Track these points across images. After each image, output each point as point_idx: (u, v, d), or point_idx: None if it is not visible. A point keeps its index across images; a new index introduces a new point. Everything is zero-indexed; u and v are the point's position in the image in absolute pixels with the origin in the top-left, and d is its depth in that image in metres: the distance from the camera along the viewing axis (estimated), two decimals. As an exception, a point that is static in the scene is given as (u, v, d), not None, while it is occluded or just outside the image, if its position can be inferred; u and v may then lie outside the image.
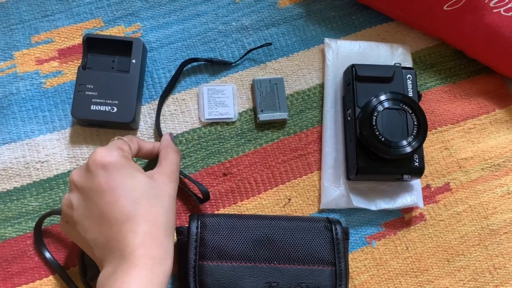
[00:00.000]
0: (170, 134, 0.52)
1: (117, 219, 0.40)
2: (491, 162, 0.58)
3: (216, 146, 0.56)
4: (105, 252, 0.40)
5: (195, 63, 0.58)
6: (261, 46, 0.58)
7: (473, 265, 0.55)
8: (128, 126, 0.53)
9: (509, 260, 0.55)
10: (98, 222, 0.40)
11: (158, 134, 0.54)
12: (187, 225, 0.49)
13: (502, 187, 0.58)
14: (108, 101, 0.51)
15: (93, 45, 0.53)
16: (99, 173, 0.41)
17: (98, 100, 0.51)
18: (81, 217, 0.41)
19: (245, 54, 0.58)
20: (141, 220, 0.40)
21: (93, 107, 0.51)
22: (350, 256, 0.53)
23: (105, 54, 0.54)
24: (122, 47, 0.53)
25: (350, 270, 0.52)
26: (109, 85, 0.52)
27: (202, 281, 0.46)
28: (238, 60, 0.58)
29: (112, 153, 0.42)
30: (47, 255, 0.50)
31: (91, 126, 0.54)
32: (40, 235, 0.50)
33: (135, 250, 0.39)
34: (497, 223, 0.56)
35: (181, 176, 0.53)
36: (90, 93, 0.51)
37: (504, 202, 0.57)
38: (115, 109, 0.51)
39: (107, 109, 0.51)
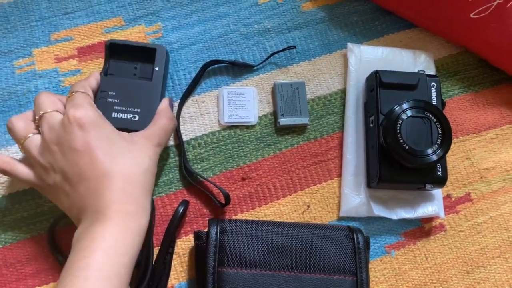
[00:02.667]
0: (170, 99, 0.51)
1: (95, 177, 0.41)
2: (513, 173, 0.58)
3: (235, 149, 0.55)
4: (82, 209, 0.41)
5: (216, 65, 0.57)
6: (285, 49, 0.57)
7: (493, 278, 0.54)
8: None
9: (531, 274, 0.54)
10: (77, 182, 0.41)
11: (177, 136, 0.53)
12: (206, 230, 0.48)
13: (524, 199, 0.57)
14: (130, 109, 0.50)
15: (116, 51, 0.52)
16: (78, 133, 0.42)
17: (119, 108, 0.49)
18: (61, 181, 0.42)
19: (268, 58, 0.57)
20: (117, 177, 0.41)
21: (114, 115, 0.49)
22: (369, 265, 0.52)
23: (128, 61, 0.52)
24: (145, 54, 0.52)
25: (369, 280, 0.52)
26: (131, 92, 0.50)
27: (221, 288, 0.45)
28: (260, 64, 0.57)
29: (88, 112, 0.43)
30: (61, 257, 0.49)
31: None
32: (54, 237, 0.50)
33: (110, 205, 0.40)
34: (518, 236, 0.55)
35: (201, 179, 0.52)
36: (112, 100, 0.50)
37: (525, 215, 0.56)
38: (137, 117, 0.49)
39: (128, 117, 0.49)
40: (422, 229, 0.55)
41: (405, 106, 0.51)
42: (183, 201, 0.51)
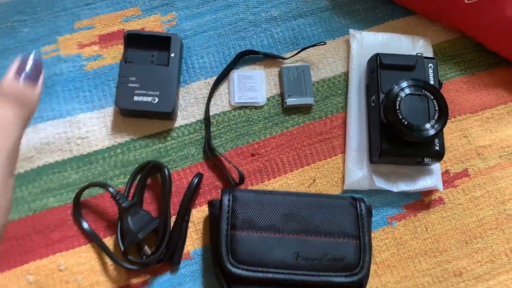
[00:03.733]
0: (37, 60, 0.35)
1: None
2: (508, 150, 0.61)
3: (245, 128, 0.59)
4: None
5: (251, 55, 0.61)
6: (315, 45, 0.61)
7: (490, 248, 0.57)
8: (169, 115, 0.56)
9: (526, 243, 0.57)
10: None
11: (205, 118, 0.58)
12: (219, 199, 0.51)
13: (519, 174, 0.60)
14: (150, 92, 0.55)
15: (133, 40, 0.57)
16: None
17: (140, 92, 0.55)
18: None
19: (299, 52, 0.60)
20: None
21: (136, 98, 0.54)
22: (372, 235, 0.55)
23: (145, 49, 0.57)
24: (160, 42, 0.57)
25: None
26: (150, 77, 0.55)
27: (234, 249, 0.48)
28: (291, 57, 0.61)
29: None
30: (85, 224, 0.53)
31: (133, 116, 0.57)
32: (79, 206, 0.54)
33: None
34: (514, 209, 0.58)
35: (219, 156, 0.56)
36: (132, 85, 0.55)
37: (520, 189, 0.59)
38: (157, 100, 0.54)
39: (149, 100, 0.54)
40: (422, 202, 0.58)
41: (403, 84, 0.54)
42: (197, 174, 0.54)
